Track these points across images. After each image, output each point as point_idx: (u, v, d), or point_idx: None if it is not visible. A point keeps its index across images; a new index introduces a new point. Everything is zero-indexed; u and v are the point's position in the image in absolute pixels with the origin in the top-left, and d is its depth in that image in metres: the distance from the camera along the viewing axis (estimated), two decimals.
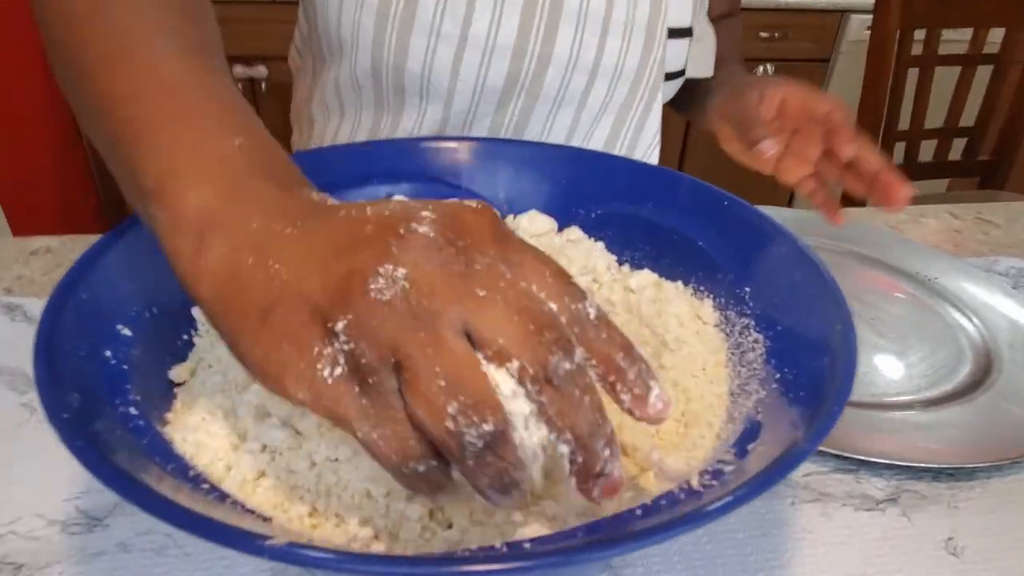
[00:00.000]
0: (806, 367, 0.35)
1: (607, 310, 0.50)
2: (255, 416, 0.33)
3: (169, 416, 0.34)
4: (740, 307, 0.44)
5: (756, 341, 0.41)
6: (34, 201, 1.55)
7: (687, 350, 0.43)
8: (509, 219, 0.56)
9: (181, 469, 0.30)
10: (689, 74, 0.75)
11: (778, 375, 0.37)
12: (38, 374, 0.28)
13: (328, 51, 0.68)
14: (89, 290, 0.35)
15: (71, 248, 0.70)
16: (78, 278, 0.36)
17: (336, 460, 0.32)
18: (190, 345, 0.41)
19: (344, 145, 0.55)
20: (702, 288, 0.48)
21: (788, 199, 2.04)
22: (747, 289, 0.44)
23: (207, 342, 0.41)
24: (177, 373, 0.38)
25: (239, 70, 1.77)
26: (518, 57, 0.65)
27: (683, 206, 0.51)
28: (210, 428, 0.32)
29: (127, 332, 0.36)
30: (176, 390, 0.37)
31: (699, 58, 0.76)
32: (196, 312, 0.42)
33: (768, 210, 0.48)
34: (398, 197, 0.55)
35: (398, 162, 0.56)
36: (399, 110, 0.68)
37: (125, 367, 0.34)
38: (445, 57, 0.64)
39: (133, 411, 0.32)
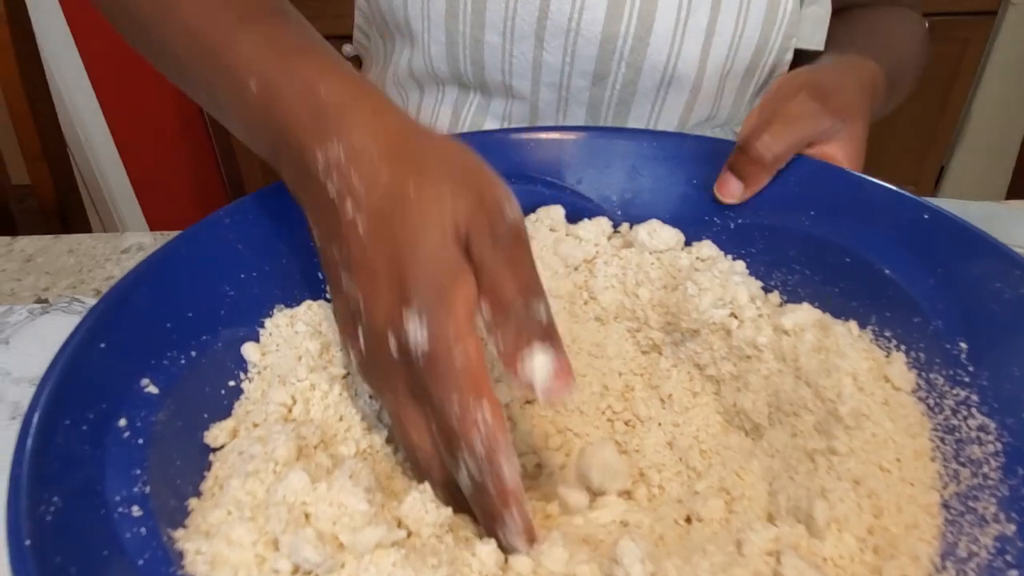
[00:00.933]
0: None
1: (749, 354, 0.38)
2: (292, 516, 0.25)
3: (190, 504, 0.27)
4: (952, 370, 0.31)
5: (984, 430, 0.28)
6: (169, 194, 1.61)
7: (870, 429, 0.31)
8: (624, 228, 0.45)
9: None
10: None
11: None
12: (13, 470, 0.22)
13: (397, 34, 0.59)
14: (112, 336, 0.29)
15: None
16: (100, 323, 0.29)
17: None
18: (236, 393, 0.34)
19: None
20: (888, 335, 0.35)
21: (934, 181, 1.73)
22: (963, 345, 0.31)
23: (256, 389, 0.34)
24: (214, 436, 0.31)
25: None
26: (608, 40, 0.53)
27: (862, 216, 0.38)
28: (234, 531, 0.25)
29: (152, 389, 0.29)
30: (212, 457, 0.30)
31: (809, 25, 0.59)
32: (247, 349, 0.35)
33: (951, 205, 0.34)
34: None
35: (489, 157, 0.47)
36: (486, 93, 0.59)
37: (140, 441, 0.27)
38: (524, 55, 0.54)
39: (136, 511, 0.25)
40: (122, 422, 0.27)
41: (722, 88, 0.58)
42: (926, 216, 0.36)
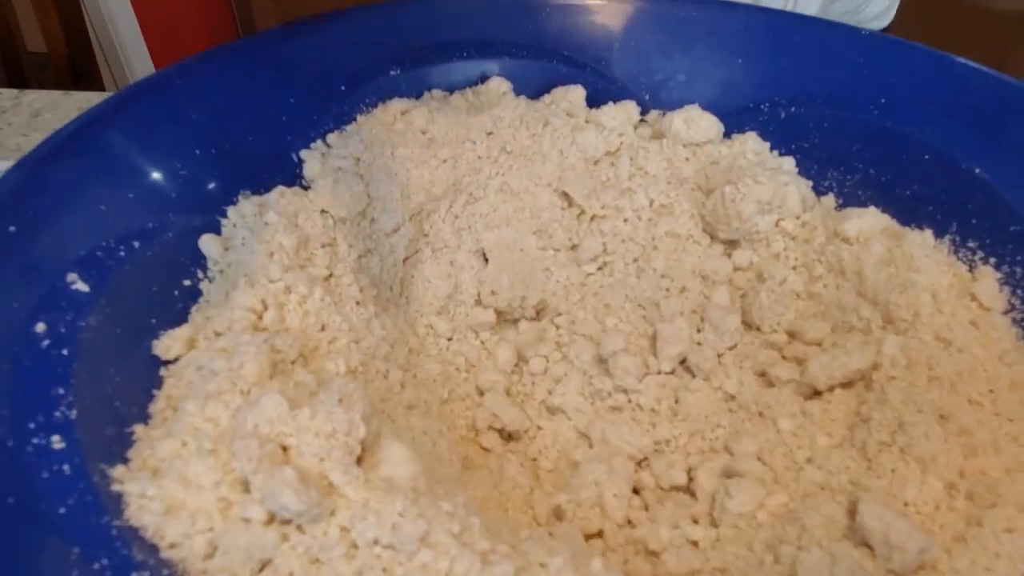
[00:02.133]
0: None
1: (795, 265, 0.33)
2: (265, 452, 0.19)
3: (135, 432, 0.21)
4: None
5: None
6: (184, 52, 1.48)
7: (956, 353, 0.26)
8: (653, 116, 0.38)
9: (119, 567, 0.17)
10: None
11: None
12: None
13: None
14: (27, 217, 0.22)
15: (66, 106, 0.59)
16: (11, 200, 0.23)
17: (390, 546, 0.18)
18: (192, 295, 0.27)
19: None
20: (973, 246, 0.29)
21: None
22: None
23: (218, 291, 0.28)
24: (165, 346, 0.25)
25: None
26: None
27: (948, 106, 0.32)
28: (190, 468, 0.19)
29: (81, 287, 0.23)
30: (164, 372, 0.24)
31: None
32: (206, 242, 0.28)
33: None
34: (497, 78, 0.38)
35: (495, 25, 0.39)
36: None
37: (64, 352, 0.21)
38: None
39: (57, 443, 0.19)
40: (39, 327, 0.21)
41: None
42: None
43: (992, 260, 0.29)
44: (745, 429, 0.29)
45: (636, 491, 0.29)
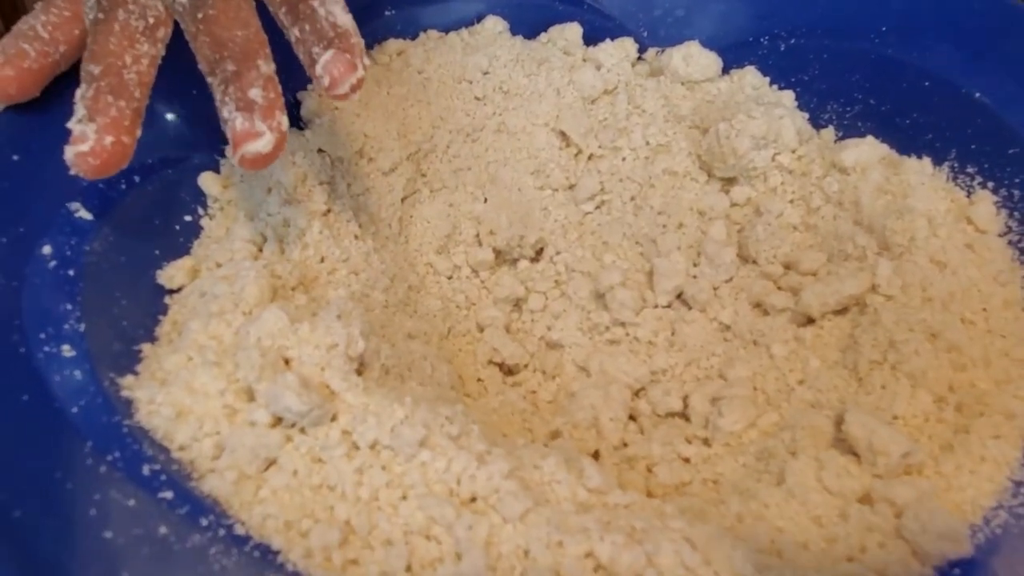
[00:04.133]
0: None
1: (793, 199, 0.33)
2: (267, 361, 0.20)
3: (143, 349, 0.22)
4: None
5: None
6: None
7: (950, 275, 0.26)
8: (651, 54, 0.38)
9: (130, 460, 0.18)
10: None
11: None
12: None
13: None
14: (28, 145, 0.23)
15: None
16: (10, 128, 0.23)
17: (389, 447, 0.19)
18: (193, 230, 0.28)
19: None
20: (972, 171, 0.29)
21: None
22: None
23: (219, 226, 0.28)
24: (169, 275, 0.25)
25: None
26: None
27: (949, 32, 0.31)
28: (196, 378, 0.20)
29: (84, 215, 0.23)
30: (169, 300, 0.25)
31: None
32: (205, 180, 0.29)
33: None
34: (492, 17, 0.38)
35: None
36: None
37: (71, 272, 0.22)
38: None
39: (68, 351, 0.20)
40: (46, 249, 0.21)
41: None
42: None
43: (990, 184, 0.29)
44: (739, 356, 0.29)
45: (633, 418, 0.29)
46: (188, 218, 0.28)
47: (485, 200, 0.36)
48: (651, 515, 0.18)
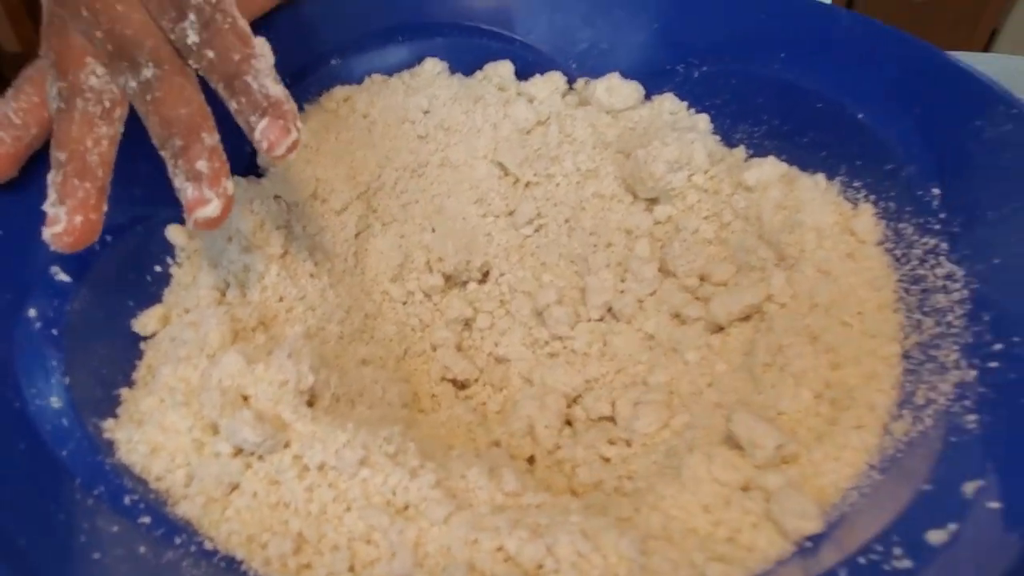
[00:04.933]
0: None
1: (707, 215, 0.36)
2: (226, 401, 0.23)
3: (122, 394, 0.25)
4: (922, 218, 0.29)
5: (951, 277, 0.27)
6: None
7: (832, 283, 0.30)
8: (580, 84, 0.41)
9: (113, 493, 0.21)
10: None
11: (997, 345, 0.23)
12: None
13: None
14: (8, 220, 0.26)
15: None
16: None
17: (335, 467, 0.22)
18: (163, 280, 0.31)
19: None
20: (857, 185, 0.33)
21: (986, 39, 1.61)
22: (935, 191, 0.29)
23: (187, 274, 0.31)
24: (143, 323, 0.28)
25: None
26: None
27: (836, 56, 0.35)
28: (167, 417, 0.23)
29: (64, 277, 0.27)
30: (144, 345, 0.28)
31: None
32: (172, 231, 0.32)
33: (963, 58, 0.31)
34: (431, 59, 0.41)
35: (428, 6, 0.42)
36: None
37: (55, 332, 0.25)
38: None
39: (55, 402, 0.23)
40: (31, 312, 0.25)
41: None
42: (906, 52, 0.33)
43: (872, 197, 0.32)
44: (660, 363, 0.33)
45: (569, 423, 0.33)
46: (158, 268, 0.31)
47: (433, 230, 0.39)
48: (555, 512, 0.22)
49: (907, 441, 0.23)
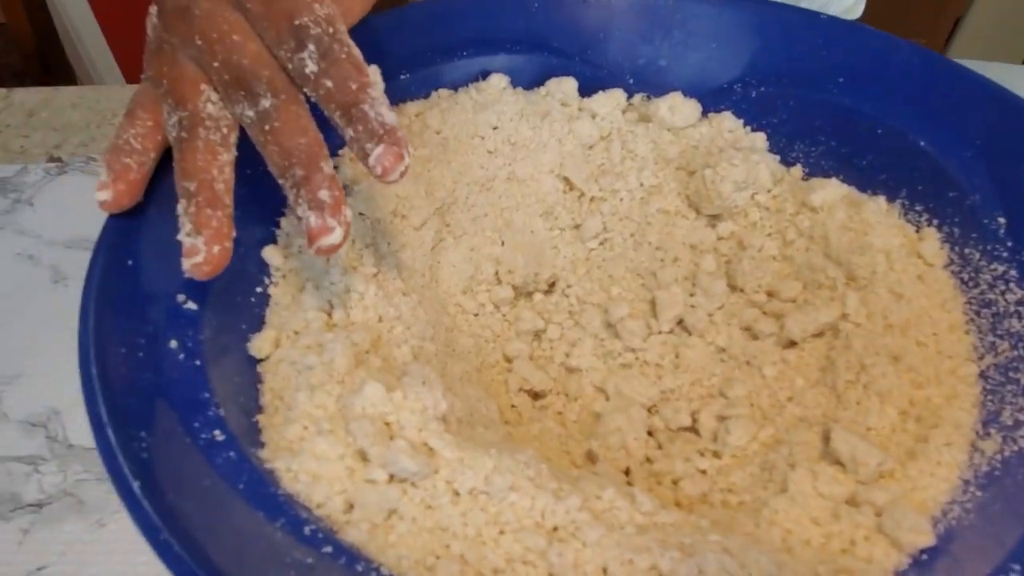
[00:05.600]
0: None
1: (771, 232, 0.38)
2: (375, 428, 0.24)
3: (259, 421, 0.26)
4: (988, 244, 0.32)
5: (1023, 302, 0.29)
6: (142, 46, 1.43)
7: (905, 304, 0.32)
8: (638, 100, 0.42)
9: (294, 524, 0.22)
10: None
11: None
12: (91, 412, 0.20)
13: None
14: (134, 250, 0.26)
15: None
16: (117, 236, 0.26)
17: (485, 492, 0.23)
18: (264, 300, 0.31)
19: (420, 3, 0.41)
20: (919, 209, 0.35)
21: (946, 36, 1.65)
22: (1001, 220, 0.32)
23: (285, 294, 0.32)
24: (258, 346, 0.29)
25: None
26: None
27: (896, 84, 0.37)
28: (316, 447, 0.24)
29: (191, 305, 0.27)
30: (259, 369, 0.29)
31: None
32: (268, 252, 0.32)
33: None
34: (496, 75, 0.42)
35: (491, 22, 0.43)
36: None
37: (198, 363, 0.25)
38: None
39: (219, 436, 0.24)
40: (173, 343, 0.25)
41: None
42: (964, 84, 0.35)
43: (935, 222, 0.34)
44: (736, 376, 0.34)
45: (650, 433, 0.35)
46: (259, 289, 0.32)
47: (502, 243, 0.40)
48: (692, 531, 0.23)
49: (1002, 460, 0.25)
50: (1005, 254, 0.31)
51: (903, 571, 0.23)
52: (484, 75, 0.42)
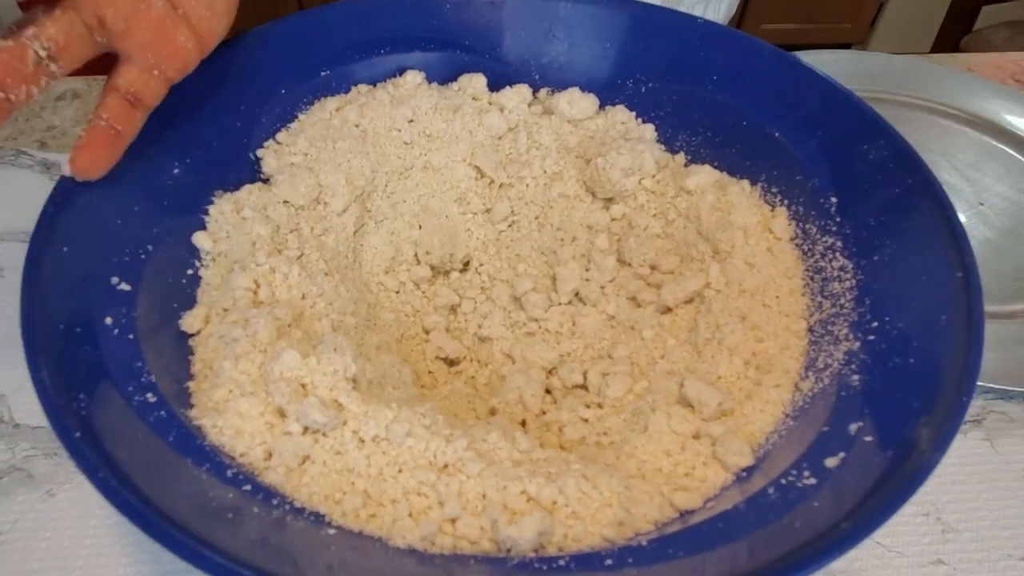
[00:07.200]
0: (916, 321, 0.30)
1: (655, 213, 0.43)
2: (291, 391, 0.28)
3: (190, 387, 0.30)
4: (823, 221, 0.38)
5: (844, 269, 0.35)
6: None
7: (756, 272, 0.37)
8: (543, 94, 0.47)
9: (217, 468, 0.26)
10: None
11: (875, 323, 0.32)
12: (34, 377, 0.24)
13: None
14: (70, 238, 0.29)
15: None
16: (53, 225, 0.29)
17: (386, 439, 0.28)
18: (195, 281, 0.35)
19: (341, 3, 0.45)
20: (775, 191, 0.41)
21: (870, 21, 1.74)
22: (833, 200, 0.38)
23: (215, 275, 0.35)
24: (189, 323, 0.33)
25: None
26: None
27: (757, 82, 0.42)
28: (240, 406, 0.28)
29: (124, 287, 0.31)
30: (191, 343, 0.32)
31: None
32: (198, 238, 0.36)
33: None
34: (412, 72, 0.45)
35: (407, 22, 0.46)
36: None
37: (131, 336, 0.29)
38: None
39: (151, 398, 0.27)
40: (108, 320, 0.29)
41: None
42: (810, 82, 0.40)
43: (786, 202, 0.40)
44: (621, 340, 0.40)
45: (549, 391, 0.40)
46: (189, 272, 0.35)
47: (420, 227, 0.44)
48: (560, 463, 0.29)
49: (811, 396, 0.31)
50: (834, 228, 0.37)
51: (727, 486, 0.29)
52: (400, 72, 0.46)
